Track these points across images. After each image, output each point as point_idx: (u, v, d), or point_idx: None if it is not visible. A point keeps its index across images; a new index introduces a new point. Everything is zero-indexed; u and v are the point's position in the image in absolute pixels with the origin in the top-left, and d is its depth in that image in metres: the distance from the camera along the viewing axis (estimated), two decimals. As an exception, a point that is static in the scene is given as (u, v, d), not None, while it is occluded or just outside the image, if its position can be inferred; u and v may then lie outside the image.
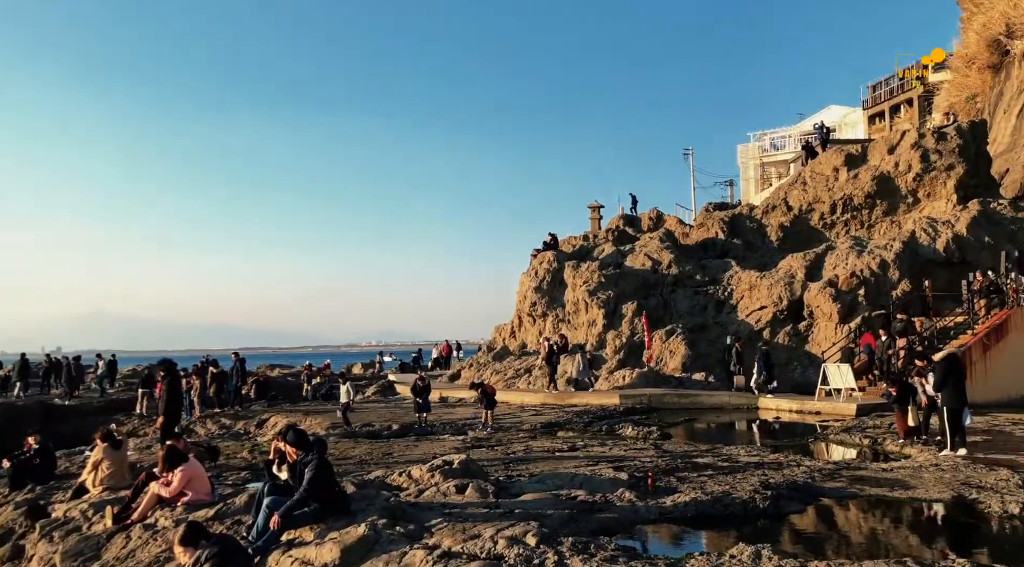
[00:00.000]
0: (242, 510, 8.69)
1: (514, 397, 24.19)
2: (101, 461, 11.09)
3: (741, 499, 9.08)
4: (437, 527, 7.36)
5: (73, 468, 13.64)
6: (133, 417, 23.93)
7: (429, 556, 6.45)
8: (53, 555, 8.69)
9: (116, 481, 10.94)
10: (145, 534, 8.67)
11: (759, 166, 42.22)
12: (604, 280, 29.16)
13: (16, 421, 22.99)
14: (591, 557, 6.37)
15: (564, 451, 13.85)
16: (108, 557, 8.40)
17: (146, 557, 8.03)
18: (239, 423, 20.82)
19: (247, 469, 12.62)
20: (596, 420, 18.96)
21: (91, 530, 9.27)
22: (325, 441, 10.06)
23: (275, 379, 34.33)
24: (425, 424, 18.45)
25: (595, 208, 38.08)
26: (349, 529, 7.19)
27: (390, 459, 13.37)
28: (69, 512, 9.97)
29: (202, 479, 9.68)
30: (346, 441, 16.03)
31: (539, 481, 10.26)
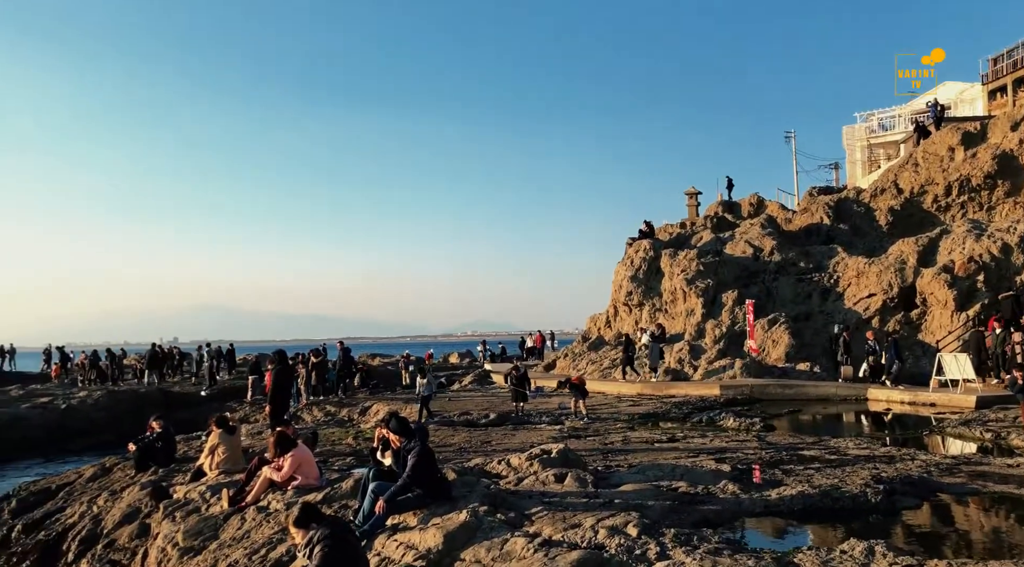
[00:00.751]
0: (349, 494, 8.97)
1: (611, 387, 24.04)
2: (217, 446, 11.67)
3: (851, 493, 8.74)
4: (537, 515, 7.40)
5: (191, 452, 14.38)
6: (244, 404, 25.05)
7: (530, 544, 6.49)
8: (176, 534, 9.21)
9: (231, 465, 11.49)
10: (259, 516, 9.07)
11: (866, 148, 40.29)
12: (703, 268, 28.56)
13: (139, 407, 24.46)
14: (694, 549, 6.26)
15: (663, 442, 13.67)
16: (225, 537, 8.84)
17: (260, 538, 8.40)
18: (343, 410, 21.48)
19: (352, 455, 13.00)
20: (695, 411, 18.63)
21: (209, 511, 9.78)
22: (426, 429, 10.26)
23: (376, 368, 35.26)
24: (522, 413, 18.57)
25: (692, 194, 37.29)
26: (451, 515, 7.31)
27: (488, 447, 13.52)
28: (189, 494, 10.55)
29: (311, 464, 10.05)
30: (445, 429, 16.30)
31: (638, 472, 10.17)
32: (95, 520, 11.08)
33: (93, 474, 14.36)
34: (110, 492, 12.30)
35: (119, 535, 10.26)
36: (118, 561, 9.71)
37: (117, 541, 10.14)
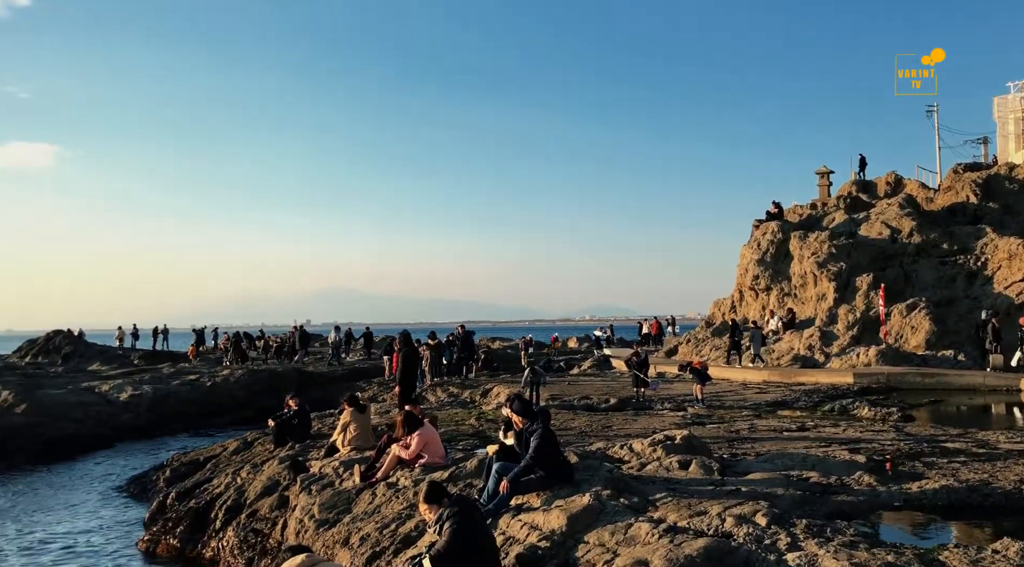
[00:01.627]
0: (473, 474, 9.16)
1: (735, 374, 23.42)
2: (349, 424, 12.17)
3: (1003, 489, 8.15)
4: (661, 501, 7.31)
5: (325, 429, 15.07)
6: (373, 384, 26.02)
7: (654, 529, 6.42)
8: (312, 506, 9.70)
9: (362, 442, 11.96)
10: (388, 492, 9.41)
11: (1021, 120, 37.19)
12: (835, 251, 27.28)
13: (276, 386, 25.85)
14: (827, 541, 6.02)
15: (792, 431, 13.20)
16: (358, 511, 9.23)
17: (390, 513, 8.71)
18: (465, 392, 21.93)
19: (475, 436, 13.25)
20: (827, 399, 17.87)
21: (342, 486, 10.23)
22: (549, 411, 10.32)
23: (496, 351, 35.78)
24: (643, 398, 18.38)
25: (823, 174, 35.59)
26: (574, 498, 7.34)
27: (610, 432, 13.46)
28: (323, 469, 11.07)
29: (437, 443, 10.32)
30: (565, 412, 16.35)
31: (766, 461, 9.86)
32: (239, 491, 11.81)
33: (236, 448, 15.31)
34: (252, 465, 13.07)
35: (261, 505, 10.89)
36: (260, 530, 10.32)
37: (259, 511, 10.77)
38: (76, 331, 37.41)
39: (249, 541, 10.18)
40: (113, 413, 22.58)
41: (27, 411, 20.33)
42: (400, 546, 7.76)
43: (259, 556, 9.79)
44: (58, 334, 36.51)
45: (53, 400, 21.83)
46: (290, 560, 5.07)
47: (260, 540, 10.11)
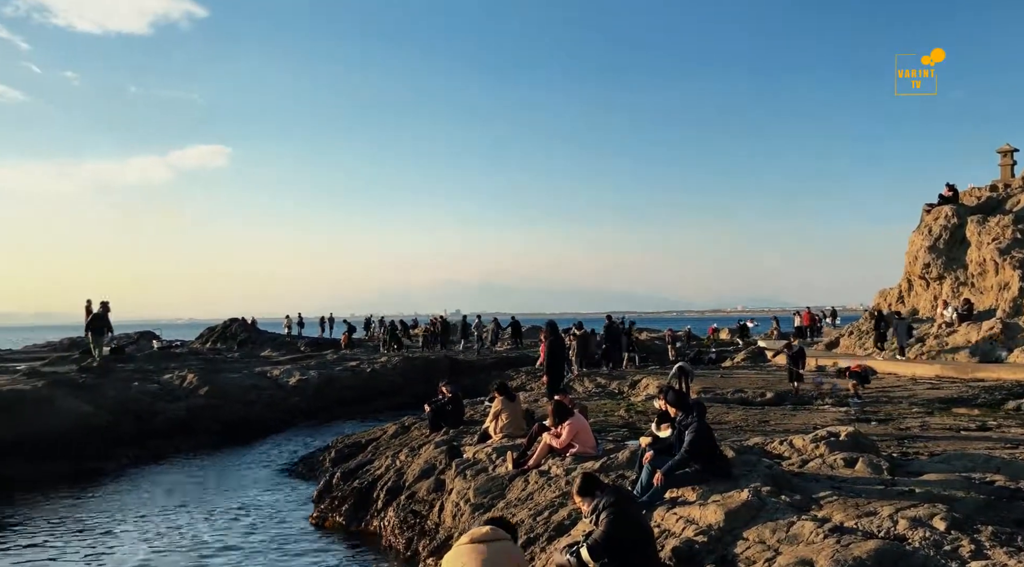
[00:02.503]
0: (625, 465, 9.10)
1: (903, 368, 21.93)
2: (500, 412, 12.42)
3: None
4: (826, 500, 6.96)
5: (477, 416, 15.45)
6: (521, 372, 26.40)
7: (819, 529, 6.14)
8: (468, 491, 9.98)
9: (512, 430, 12.18)
10: (540, 479, 9.53)
11: None
12: (1020, 236, 24.93)
13: (430, 372, 26.78)
14: (1019, 550, 5.53)
15: (971, 430, 12.21)
16: (511, 497, 9.41)
17: (543, 500, 8.82)
18: (613, 383, 21.81)
19: (624, 427, 13.16)
20: (1011, 397, 16.37)
21: (496, 472, 10.46)
22: (704, 404, 10.08)
23: (644, 342, 35.33)
24: (801, 393, 17.57)
25: (1006, 153, 32.52)
26: (732, 493, 7.13)
27: (767, 427, 12.98)
28: (477, 455, 11.36)
29: (587, 433, 10.34)
30: (719, 406, 15.91)
31: (942, 461, 9.17)
32: (398, 473, 12.34)
33: (394, 431, 16.02)
34: (409, 449, 13.62)
35: (419, 488, 11.33)
36: (419, 511, 10.74)
37: (417, 493, 11.21)
38: (250, 319, 40.33)
39: (408, 522, 10.62)
40: (283, 397, 24.17)
41: (209, 393, 22.14)
42: (554, 534, 7.84)
43: (418, 536, 10.18)
44: (234, 322, 39.50)
45: (231, 383, 23.65)
46: (477, 528, 5.32)
47: (419, 521, 10.51)
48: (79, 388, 20.21)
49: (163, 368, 24.60)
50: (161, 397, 21.26)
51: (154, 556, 10.78)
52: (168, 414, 20.35)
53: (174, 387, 22.31)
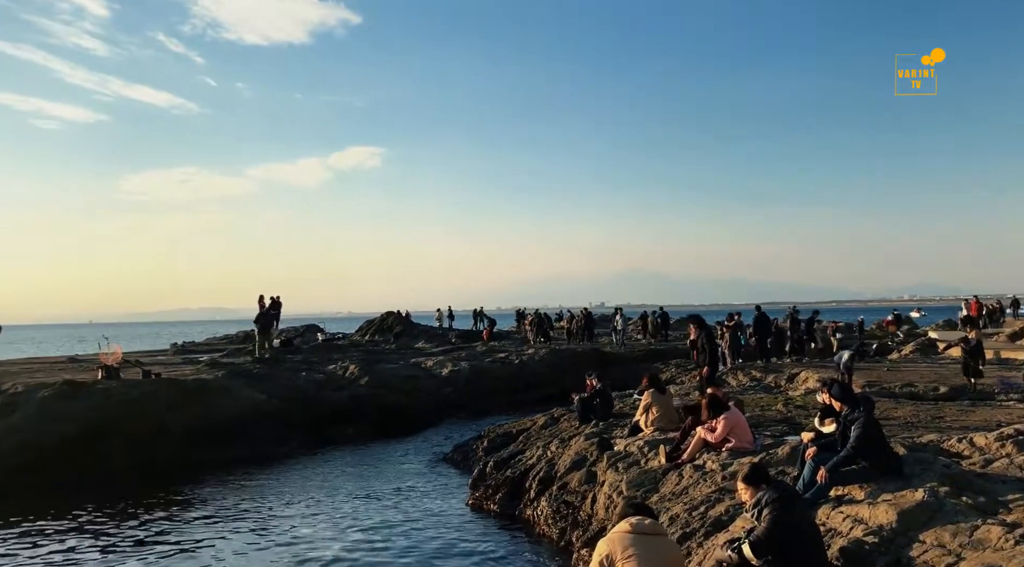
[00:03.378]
0: (785, 461, 8.77)
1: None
2: (651, 405, 12.29)
3: None
4: (1016, 503, 6.41)
5: (626, 409, 15.36)
6: (671, 365, 25.95)
7: (1008, 534, 5.66)
8: (620, 483, 9.95)
9: (664, 423, 12.02)
10: (695, 474, 9.35)
11: None
12: None
13: (577, 365, 26.82)
14: None
15: None
16: (665, 490, 9.29)
17: (698, 495, 8.65)
18: (769, 376, 21.03)
19: (783, 422, 12.67)
20: None
21: (647, 465, 10.36)
22: (871, 398, 9.53)
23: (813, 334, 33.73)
24: (980, 388, 16.24)
25: None
26: (904, 492, 6.71)
27: (941, 423, 12.09)
28: (628, 448, 11.30)
29: (744, 428, 10.05)
30: (886, 401, 14.99)
31: None
32: (549, 464, 12.48)
33: (544, 423, 16.20)
34: (560, 440, 13.74)
35: (570, 479, 11.41)
36: (571, 502, 10.81)
37: (569, 484, 11.29)
38: (404, 313, 41.97)
39: (561, 512, 10.72)
40: (436, 387, 25.02)
41: (369, 383, 23.27)
42: (711, 529, 7.67)
43: (571, 527, 10.26)
44: (390, 315, 41.23)
45: (388, 373, 24.74)
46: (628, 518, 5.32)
47: (571, 512, 10.59)
48: (254, 378, 21.81)
49: (327, 359, 26.08)
50: (326, 386, 22.56)
51: (317, 532, 11.47)
52: (333, 402, 21.56)
53: (338, 377, 23.61)
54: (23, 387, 17.66)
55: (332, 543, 10.90)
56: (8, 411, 16.62)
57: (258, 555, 10.53)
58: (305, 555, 10.40)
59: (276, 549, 10.75)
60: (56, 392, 17.31)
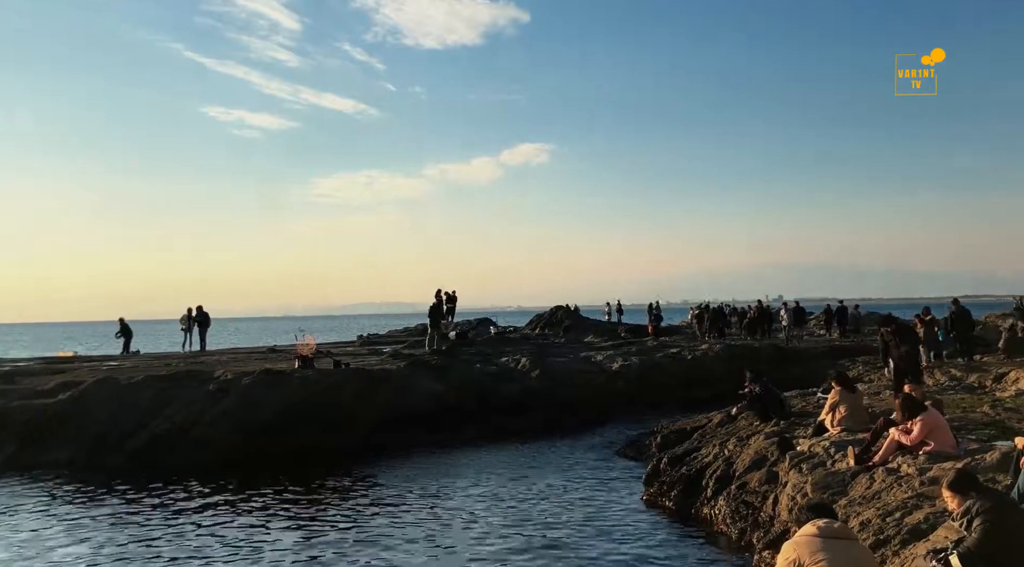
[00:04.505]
0: (995, 468, 8.03)
1: None
2: (838, 404, 11.63)
3: None
4: None
5: (809, 408, 14.62)
6: (858, 362, 24.42)
7: None
8: (804, 485, 9.49)
9: (852, 424, 11.34)
10: (888, 478, 8.75)
11: None
12: None
13: (753, 361, 25.79)
14: None
15: None
16: (854, 494, 8.76)
17: (892, 500, 8.08)
18: (972, 376, 19.26)
19: (990, 425, 11.56)
20: None
21: (835, 467, 9.81)
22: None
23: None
24: None
25: None
26: None
27: None
28: (813, 448, 10.76)
29: (944, 430, 9.29)
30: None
31: None
32: (727, 462, 12.12)
33: (720, 420, 15.74)
34: (738, 438, 13.31)
35: (750, 479, 11.02)
36: (751, 503, 10.45)
37: (748, 484, 10.92)
38: (573, 307, 42.25)
39: (740, 512, 10.39)
40: (606, 381, 24.97)
41: (540, 376, 23.64)
42: (907, 537, 7.15)
43: (751, 528, 9.93)
44: (559, 309, 41.64)
45: (559, 367, 25.00)
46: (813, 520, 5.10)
47: (751, 512, 10.24)
48: (432, 369, 22.77)
49: (500, 352, 26.73)
50: (499, 378, 23.15)
51: (493, 521, 11.80)
52: (505, 394, 22.09)
53: (510, 370, 24.15)
54: (231, 375, 19.44)
55: (509, 532, 11.16)
56: (220, 396, 18.37)
57: (435, 542, 10.95)
58: (482, 542, 10.74)
59: (453, 536, 11.16)
60: (258, 380, 18.92)
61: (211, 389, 18.65)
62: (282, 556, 10.35)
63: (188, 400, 18.26)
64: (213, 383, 18.96)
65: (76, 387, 19.03)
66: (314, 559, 10.23)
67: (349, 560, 10.13)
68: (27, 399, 18.94)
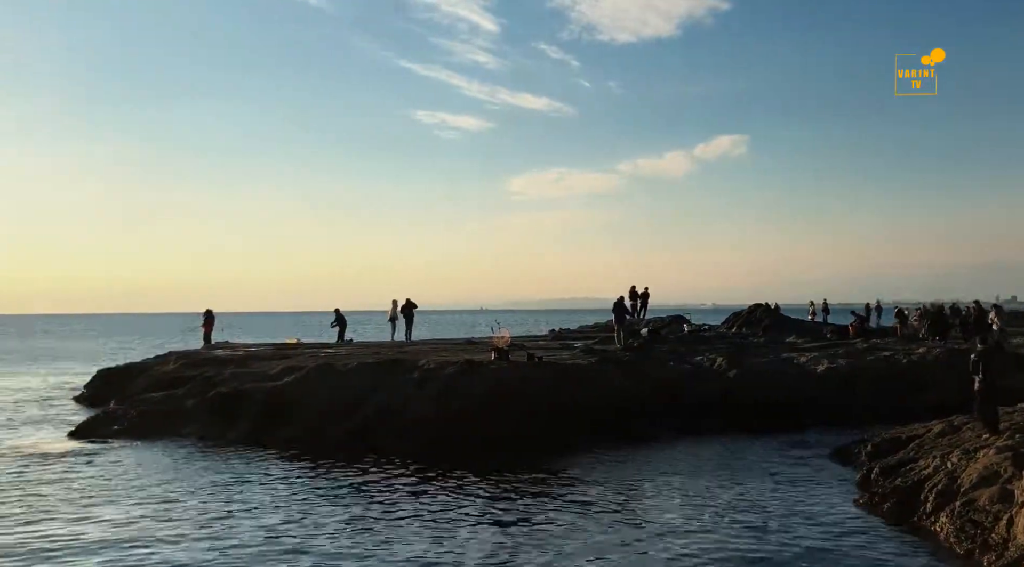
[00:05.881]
0: None
1: None
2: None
3: None
4: None
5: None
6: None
7: None
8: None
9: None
10: None
11: None
12: None
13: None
14: None
15: None
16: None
17: None
18: None
19: None
20: None
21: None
22: None
23: None
24: None
25: None
26: None
27: None
28: (1056, 465, 9.59)
29: None
30: None
31: None
32: (950, 476, 11.11)
33: (941, 430, 14.44)
34: (963, 451, 12.14)
35: (978, 496, 10.04)
36: (979, 522, 9.51)
37: (976, 501, 9.94)
38: (773, 305, 40.38)
39: (967, 531, 9.49)
40: (809, 384, 23.61)
41: (737, 376, 22.83)
42: None
43: (980, 550, 9.05)
44: (758, 307, 39.91)
45: (758, 368, 24.00)
46: None
47: (980, 533, 9.33)
48: (623, 365, 22.69)
49: (694, 350, 26.12)
50: (694, 377, 22.64)
51: (690, 519, 11.58)
52: (700, 393, 21.56)
53: (705, 369, 23.54)
54: (434, 364, 20.47)
55: (708, 537, 10.88)
56: (424, 384, 19.42)
57: (625, 540, 10.86)
58: (681, 540, 10.54)
59: (643, 531, 11.04)
60: (458, 370, 19.79)
61: (416, 377, 19.76)
62: (480, 541, 10.76)
63: (396, 386, 19.47)
64: (418, 371, 20.07)
65: (299, 372, 20.90)
66: (515, 548, 10.51)
67: (550, 553, 10.29)
68: (259, 382, 21.07)
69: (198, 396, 20.94)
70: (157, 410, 20.80)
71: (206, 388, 21.31)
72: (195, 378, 22.77)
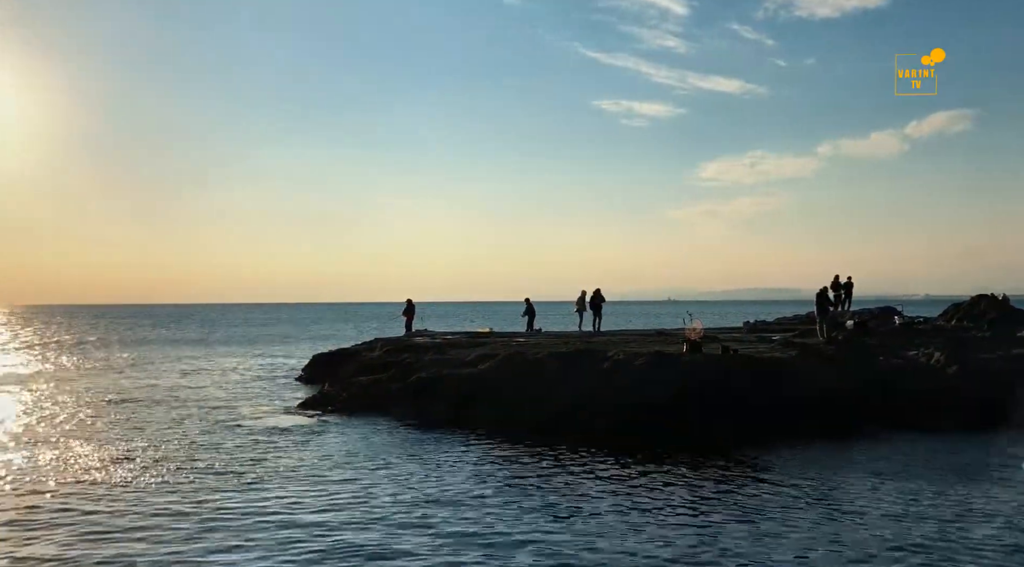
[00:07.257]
0: None
1: None
2: None
3: None
4: None
5: None
6: None
7: None
8: None
9: None
10: None
11: None
12: None
13: None
14: None
15: None
16: None
17: None
18: None
19: None
20: None
21: None
22: None
23: None
24: None
25: None
26: None
27: None
28: None
29: None
30: None
31: None
32: None
33: None
34: None
35: None
36: None
37: None
38: (1001, 296, 36.52)
39: None
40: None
41: (957, 373, 20.86)
42: None
43: None
44: (983, 299, 36.23)
45: (982, 365, 21.79)
46: None
47: None
48: (826, 359, 21.43)
49: (906, 344, 24.19)
50: (906, 373, 21.00)
51: (886, 517, 10.86)
52: (913, 390, 19.95)
53: (919, 364, 21.76)
54: (623, 355, 20.41)
55: (903, 528, 10.17)
56: (613, 375, 19.42)
57: (829, 540, 10.34)
58: (882, 539, 9.89)
59: (848, 535, 10.43)
60: (648, 361, 19.60)
61: (606, 367, 19.80)
62: (684, 535, 10.63)
63: (584, 376, 19.62)
64: (608, 362, 20.10)
65: (492, 359, 21.63)
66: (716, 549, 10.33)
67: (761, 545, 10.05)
68: (455, 369, 22.05)
69: (400, 380, 22.30)
70: (365, 393, 22.44)
71: (408, 373, 22.64)
72: (398, 363, 24.28)
